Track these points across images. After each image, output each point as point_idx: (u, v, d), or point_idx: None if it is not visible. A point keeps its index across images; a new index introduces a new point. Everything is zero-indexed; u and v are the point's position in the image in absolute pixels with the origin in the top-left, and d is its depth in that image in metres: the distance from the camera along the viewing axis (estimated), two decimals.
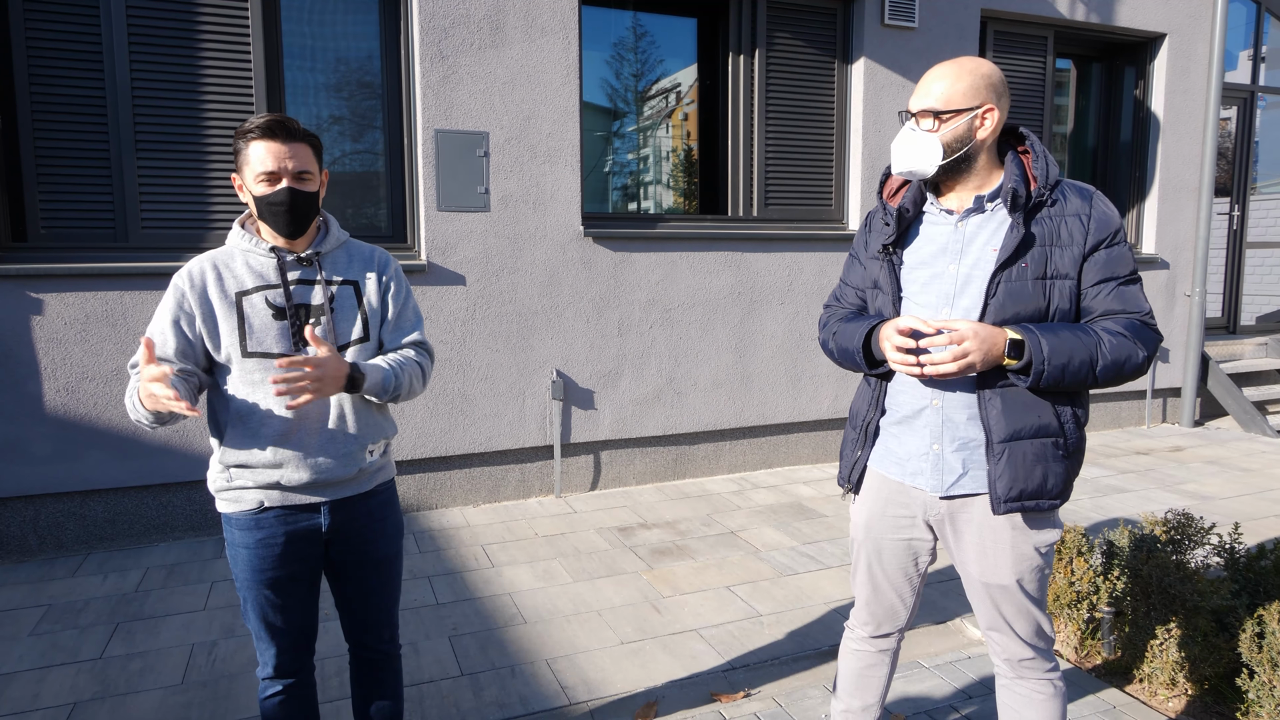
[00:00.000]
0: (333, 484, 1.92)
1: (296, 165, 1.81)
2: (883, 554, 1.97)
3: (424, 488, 4.62)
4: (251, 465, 1.85)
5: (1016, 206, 1.74)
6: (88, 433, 3.95)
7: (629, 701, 2.73)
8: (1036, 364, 1.65)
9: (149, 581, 3.68)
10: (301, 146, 1.84)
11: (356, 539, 1.98)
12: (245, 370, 1.83)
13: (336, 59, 4.44)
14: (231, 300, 1.83)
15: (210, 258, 1.88)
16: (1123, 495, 4.95)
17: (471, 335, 4.59)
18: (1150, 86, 6.51)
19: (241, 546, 1.89)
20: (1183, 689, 2.71)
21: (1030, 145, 1.81)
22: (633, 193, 5.52)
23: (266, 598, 1.91)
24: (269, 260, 1.87)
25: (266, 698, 2.00)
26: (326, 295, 1.89)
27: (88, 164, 3.99)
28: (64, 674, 2.89)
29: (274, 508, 1.88)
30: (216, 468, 1.90)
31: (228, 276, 1.85)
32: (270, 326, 1.84)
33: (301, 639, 2.00)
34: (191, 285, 1.83)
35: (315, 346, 1.75)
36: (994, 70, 1.77)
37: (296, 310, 1.86)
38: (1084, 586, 2.99)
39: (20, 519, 3.95)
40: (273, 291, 1.86)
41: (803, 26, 5.36)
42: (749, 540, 4.17)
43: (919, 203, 1.89)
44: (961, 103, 1.74)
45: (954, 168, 1.79)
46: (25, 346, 3.82)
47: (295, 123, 1.84)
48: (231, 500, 1.89)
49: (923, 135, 1.76)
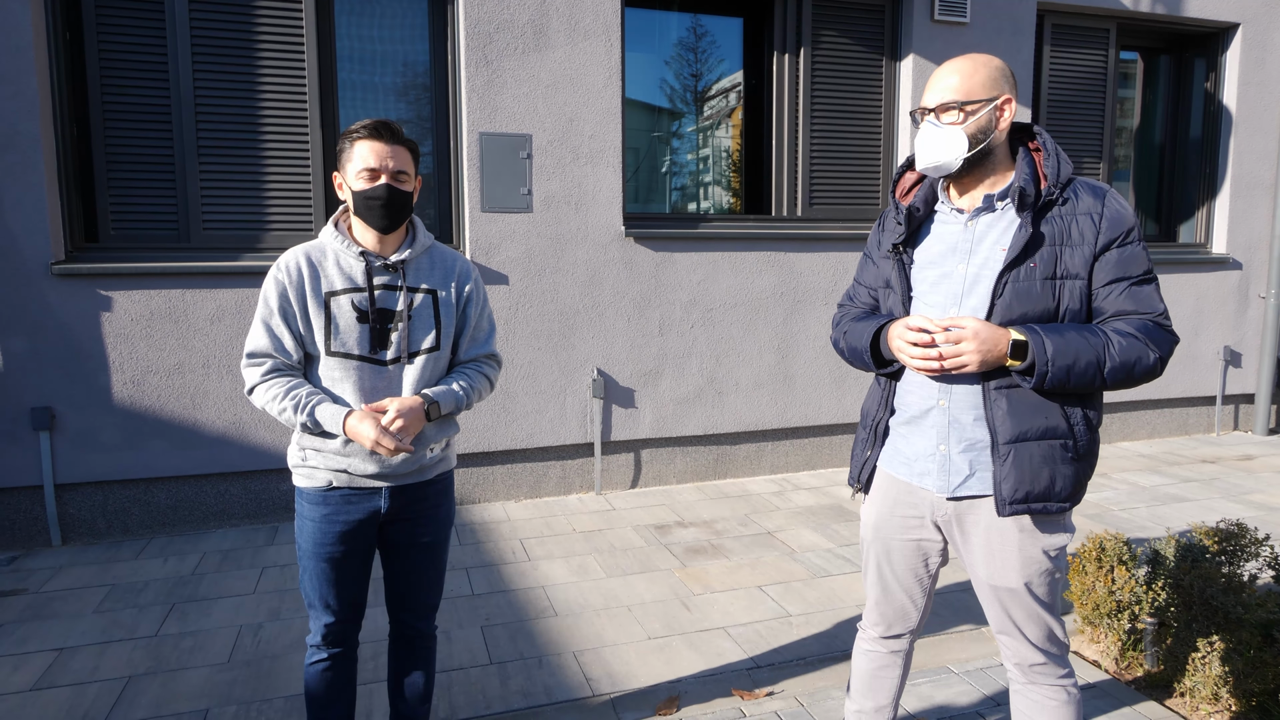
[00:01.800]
0: (396, 475, 2.06)
1: (396, 165, 1.96)
2: (892, 554, 1.96)
3: (467, 482, 4.73)
4: (324, 451, 1.99)
5: (1025, 205, 1.71)
6: (152, 423, 4.17)
7: (651, 694, 2.76)
8: (1040, 365, 1.62)
9: (205, 565, 3.86)
10: (402, 150, 1.98)
11: (411, 523, 2.12)
12: (328, 367, 1.98)
13: (387, 65, 4.59)
14: (322, 299, 1.97)
15: (304, 252, 2.00)
16: (1183, 505, 4.76)
17: (514, 334, 4.68)
18: (1221, 79, 6.24)
19: (309, 519, 2.04)
20: (1226, 704, 2.60)
21: (1042, 143, 1.78)
22: (676, 193, 5.55)
23: (323, 569, 2.05)
24: (358, 264, 2.00)
25: (312, 663, 2.13)
26: (406, 303, 2.02)
27: (154, 168, 4.21)
28: (122, 649, 3.07)
29: (340, 488, 2.03)
30: (295, 445, 2.05)
31: (320, 274, 1.98)
32: (353, 328, 1.98)
33: (351, 611, 2.12)
34: (290, 281, 1.97)
35: (393, 412, 1.91)
36: (1004, 63, 1.77)
37: (378, 315, 1.99)
38: (1125, 596, 2.89)
39: (91, 503, 4.19)
40: (358, 295, 1.98)
41: (850, 24, 5.31)
42: (785, 541, 4.16)
43: (930, 202, 1.88)
44: (982, 93, 1.72)
45: (976, 160, 1.76)
46: (95, 342, 4.06)
47: (399, 127, 1.99)
48: (305, 476, 2.04)
49: (947, 128, 1.74)
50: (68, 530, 4.16)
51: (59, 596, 3.53)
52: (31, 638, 3.16)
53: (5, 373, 3.95)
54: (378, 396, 1.99)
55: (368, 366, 1.98)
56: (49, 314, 3.98)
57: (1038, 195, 1.72)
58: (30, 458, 4.03)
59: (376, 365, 1.99)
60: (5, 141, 3.84)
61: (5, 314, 3.92)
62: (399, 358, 2.01)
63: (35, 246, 3.92)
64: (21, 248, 3.91)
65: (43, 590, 3.59)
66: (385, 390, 2.00)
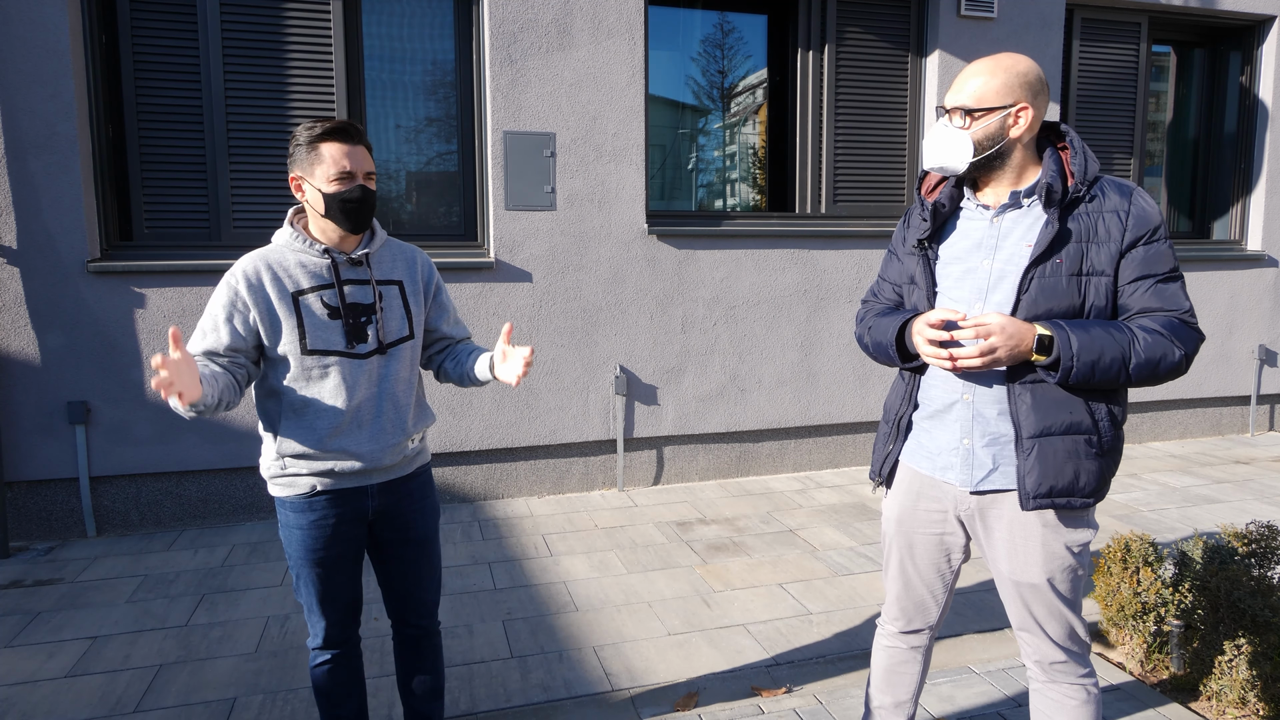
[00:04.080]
0: (380, 470, 2.05)
1: (366, 167, 1.96)
2: (914, 549, 1.96)
3: (490, 478, 4.78)
4: (307, 455, 1.97)
5: (1052, 202, 1.71)
6: (183, 418, 4.26)
7: (670, 691, 2.77)
8: (1065, 360, 1.62)
9: (234, 557, 3.94)
10: (366, 151, 1.97)
11: (399, 519, 2.11)
12: (304, 366, 1.95)
13: (413, 64, 4.64)
14: (289, 300, 1.94)
15: (261, 256, 1.97)
16: (1214, 506, 4.68)
17: (537, 331, 4.72)
18: (1257, 73, 6.11)
19: (295, 528, 2.02)
20: (1254, 709, 2.56)
21: (1070, 141, 1.78)
22: (702, 189, 5.54)
23: (317, 574, 2.04)
24: (322, 261, 1.98)
25: (316, 665, 2.14)
26: (377, 296, 2.02)
27: (186, 168, 4.30)
28: (153, 638, 3.14)
29: (325, 492, 2.01)
30: (270, 455, 2.02)
31: (283, 276, 1.95)
32: (327, 325, 1.96)
33: (348, 612, 2.13)
34: (248, 284, 1.91)
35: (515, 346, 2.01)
36: (1031, 68, 1.74)
37: (350, 310, 1.98)
38: (1150, 598, 2.86)
39: (124, 496, 4.29)
40: (327, 291, 1.97)
41: (874, 20, 5.27)
42: (807, 539, 4.15)
43: (955, 198, 1.87)
44: (994, 101, 1.72)
45: (986, 164, 1.78)
46: (129, 337, 4.15)
47: (361, 128, 1.98)
48: (285, 485, 2.02)
49: (954, 132, 1.76)
50: (102, 522, 4.27)
51: (93, 586, 3.62)
52: (67, 626, 3.24)
53: (42, 368, 4.06)
54: (358, 390, 1.98)
55: (347, 361, 1.97)
56: (84, 310, 4.07)
57: (1064, 192, 1.72)
58: (66, 451, 4.13)
59: (355, 359, 1.98)
60: (43, 142, 3.94)
61: (42, 310, 4.02)
62: (375, 349, 2.01)
63: (72, 245, 4.02)
64: (58, 246, 4.01)
65: (78, 580, 3.69)
66: (366, 383, 1.99)
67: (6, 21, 3.86)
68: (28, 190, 3.95)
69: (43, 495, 4.18)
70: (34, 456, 4.09)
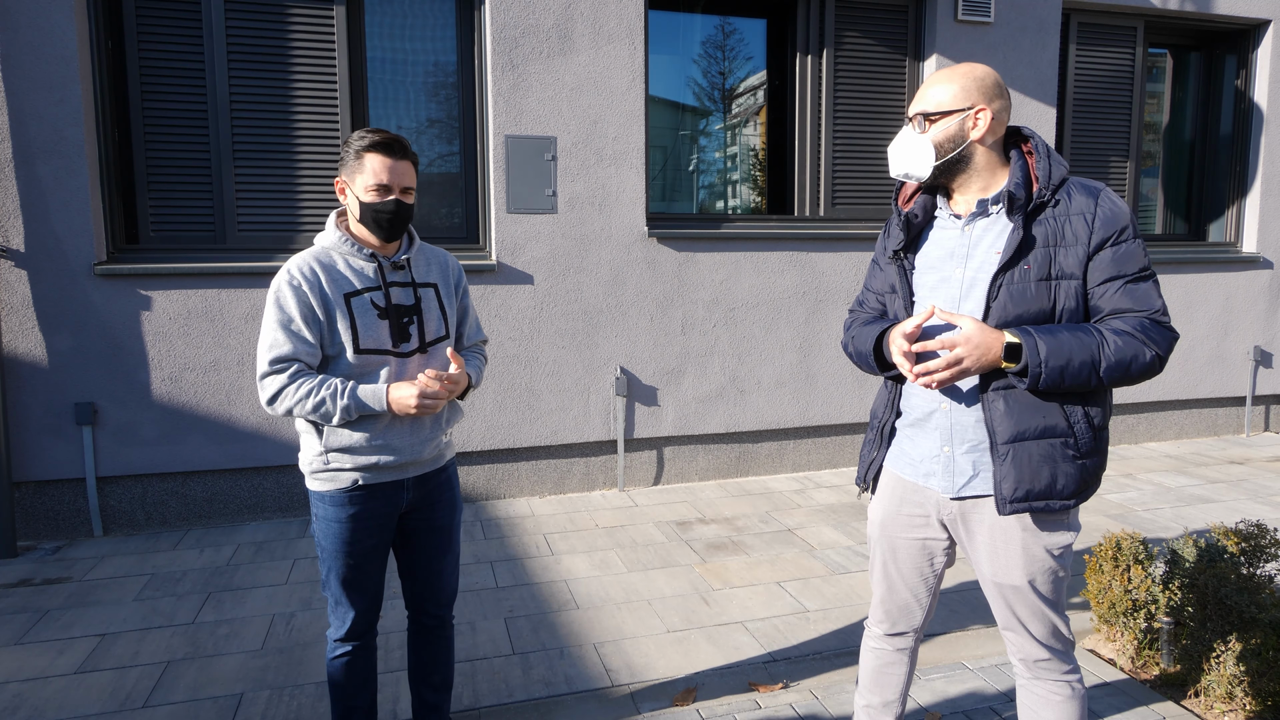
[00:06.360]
0: (417, 463, 2.16)
1: (405, 182, 2.05)
2: (897, 552, 2.01)
3: (492, 478, 4.83)
4: (352, 450, 2.06)
5: (1015, 208, 1.75)
6: (189, 419, 4.31)
7: (669, 686, 2.83)
8: (1033, 366, 1.66)
9: (239, 556, 3.99)
10: (409, 165, 2.07)
11: (427, 509, 2.23)
12: (354, 365, 2.06)
13: (416, 69, 4.69)
14: (343, 300, 2.04)
15: (313, 257, 2.06)
16: (1208, 506, 4.72)
17: (539, 332, 4.77)
18: (1252, 76, 6.16)
19: (334, 521, 2.10)
20: (1241, 704, 2.61)
21: (1035, 146, 1.82)
22: (702, 191, 5.60)
23: (350, 566, 2.13)
24: (369, 264, 2.10)
25: (335, 657, 2.21)
26: (418, 298, 2.14)
27: (191, 172, 4.36)
28: (161, 635, 3.20)
29: (365, 486, 2.10)
30: (314, 450, 2.08)
31: (336, 277, 2.05)
32: (376, 325, 2.07)
33: (374, 604, 2.22)
34: (310, 284, 2.01)
35: (453, 363, 2.08)
36: (989, 73, 1.79)
37: (395, 311, 2.10)
38: (1141, 595, 2.91)
39: (131, 496, 4.34)
40: (376, 293, 2.08)
41: (873, 25, 5.32)
42: (805, 538, 4.20)
43: (930, 208, 1.92)
44: (952, 104, 1.77)
45: (950, 169, 1.82)
46: (135, 339, 4.20)
47: (407, 143, 2.07)
48: (327, 480, 2.09)
49: (915, 137, 1.81)
50: (109, 521, 4.32)
51: (101, 585, 3.67)
52: (76, 623, 3.30)
53: (50, 369, 4.11)
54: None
55: (393, 359, 2.09)
56: (91, 313, 4.13)
57: (1028, 198, 1.75)
58: (74, 451, 4.19)
59: (400, 357, 2.10)
60: (51, 147, 4.00)
61: (50, 313, 4.08)
62: (417, 348, 2.13)
63: (79, 248, 4.08)
64: (66, 249, 4.07)
65: (86, 578, 3.74)
66: (410, 379, 2.10)
67: (15, 28, 3.91)
68: (36, 194, 4.01)
69: (50, 495, 4.24)
70: (42, 457, 4.15)
